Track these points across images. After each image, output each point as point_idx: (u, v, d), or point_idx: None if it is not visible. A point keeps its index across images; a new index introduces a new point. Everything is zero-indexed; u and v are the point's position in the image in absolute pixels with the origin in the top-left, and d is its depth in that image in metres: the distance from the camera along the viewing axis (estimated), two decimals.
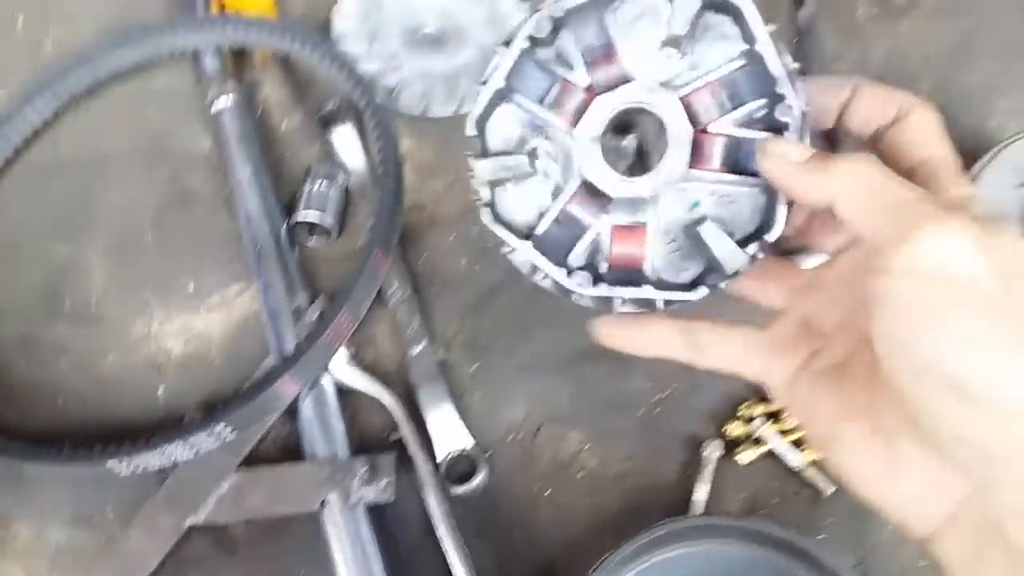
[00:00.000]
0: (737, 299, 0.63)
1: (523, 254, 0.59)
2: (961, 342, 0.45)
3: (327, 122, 0.98)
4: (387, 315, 0.90)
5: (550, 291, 0.60)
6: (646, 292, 0.58)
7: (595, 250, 0.60)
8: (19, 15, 1.06)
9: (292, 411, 0.85)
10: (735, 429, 0.85)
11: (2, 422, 0.87)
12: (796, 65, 0.56)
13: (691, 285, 0.58)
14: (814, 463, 0.84)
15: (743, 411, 0.86)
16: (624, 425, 0.87)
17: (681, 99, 0.57)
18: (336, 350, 0.84)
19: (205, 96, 0.97)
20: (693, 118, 0.57)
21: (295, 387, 0.82)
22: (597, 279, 0.59)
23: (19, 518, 0.85)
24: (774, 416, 0.86)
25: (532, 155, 0.60)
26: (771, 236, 0.56)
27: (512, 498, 0.85)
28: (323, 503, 0.80)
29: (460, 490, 0.83)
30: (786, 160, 0.53)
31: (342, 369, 0.86)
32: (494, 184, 0.60)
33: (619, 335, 0.63)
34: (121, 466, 0.78)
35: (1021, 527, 0.46)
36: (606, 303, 0.59)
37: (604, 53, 0.59)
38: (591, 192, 0.59)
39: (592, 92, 0.59)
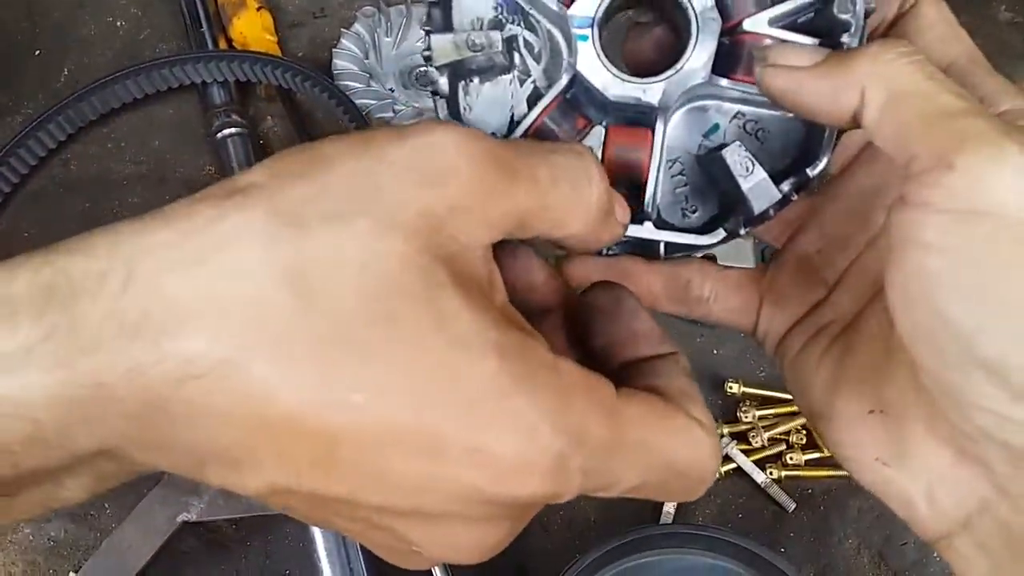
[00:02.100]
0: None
1: None
2: (1016, 314, 0.34)
3: None
4: None
5: None
6: (646, 231, 0.45)
7: None
8: (38, 43, 1.12)
9: None
10: None
11: None
12: None
13: (702, 228, 0.47)
14: (778, 481, 0.88)
15: None
16: None
17: None
18: None
19: (210, 124, 1.03)
20: (723, 9, 0.45)
21: None
22: None
23: None
24: (741, 436, 0.90)
25: (509, 45, 0.47)
26: (814, 169, 0.44)
27: None
28: None
29: None
30: (792, 68, 0.41)
31: None
32: (456, 73, 0.47)
33: (586, 279, 0.48)
34: None
35: None
36: None
37: None
38: (580, 99, 0.47)
39: None
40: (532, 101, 0.47)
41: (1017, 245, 0.33)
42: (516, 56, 0.47)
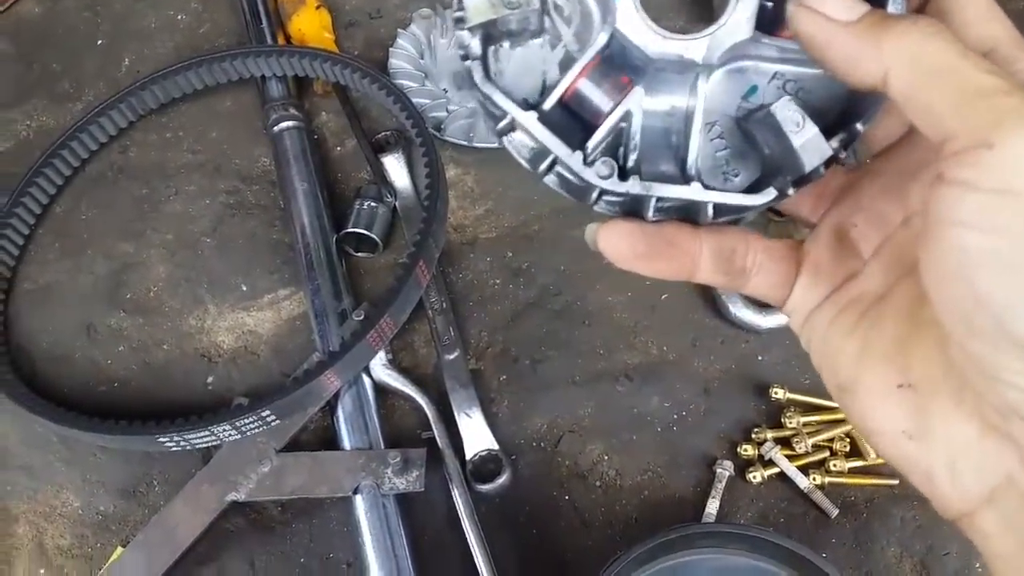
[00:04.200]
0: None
1: (525, 132, 0.44)
2: None
3: (380, 148, 1.05)
4: (425, 324, 0.96)
5: (558, 191, 0.47)
6: (695, 192, 0.44)
7: (620, 139, 0.46)
8: (100, 33, 1.15)
9: (332, 407, 0.90)
10: (747, 451, 0.90)
11: (62, 397, 0.93)
12: None
13: (746, 191, 0.46)
14: (821, 487, 0.89)
15: (756, 435, 0.91)
16: (642, 441, 0.92)
17: None
18: (377, 351, 0.89)
19: (268, 117, 1.04)
20: None
21: (337, 382, 0.87)
22: (623, 175, 0.44)
23: (70, 487, 0.90)
24: (785, 441, 0.91)
25: (541, 7, 0.45)
26: (865, 123, 0.43)
27: (533, 500, 0.89)
28: (357, 489, 0.84)
29: (485, 488, 0.88)
30: (826, 18, 0.40)
31: (381, 370, 0.92)
32: (488, 36, 0.45)
33: (628, 245, 0.46)
34: (172, 442, 0.84)
35: None
36: (631, 207, 0.46)
37: None
38: (617, 59, 0.45)
39: None
40: (564, 66, 0.46)
41: None
42: (546, 20, 0.46)
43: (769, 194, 0.44)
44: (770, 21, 0.44)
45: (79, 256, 1.01)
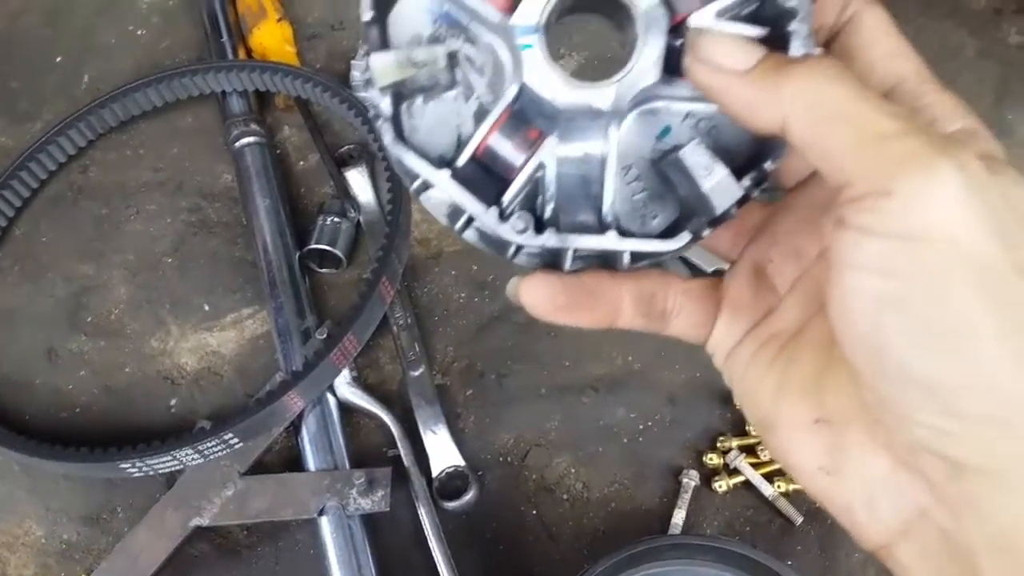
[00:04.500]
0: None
1: (439, 190, 0.43)
2: (950, 335, 0.34)
3: (343, 162, 1.04)
4: (389, 340, 0.95)
5: (478, 247, 0.47)
6: (610, 241, 0.44)
7: (537, 189, 0.45)
8: (59, 49, 1.14)
9: (296, 427, 0.90)
10: (713, 460, 0.90)
11: (23, 424, 0.93)
12: None
13: (664, 234, 0.46)
14: (786, 495, 0.89)
15: (721, 443, 0.91)
16: (608, 452, 0.92)
17: None
18: (341, 369, 0.89)
19: (229, 133, 1.04)
20: (669, 6, 0.44)
21: (301, 402, 0.87)
22: (541, 226, 0.44)
23: (33, 516, 0.90)
24: (750, 450, 0.91)
25: (451, 61, 0.44)
26: (773, 163, 0.43)
27: (500, 515, 0.89)
28: (322, 510, 0.84)
29: (451, 505, 0.87)
30: (722, 67, 0.40)
31: (345, 388, 0.91)
32: (399, 94, 0.44)
33: (547, 298, 0.45)
34: (134, 468, 0.83)
35: (997, 567, 0.36)
36: (551, 259, 0.46)
37: None
38: (528, 110, 0.44)
39: None
40: (479, 118, 0.45)
41: (952, 267, 0.34)
42: (459, 72, 0.45)
43: (684, 238, 0.44)
44: (679, 61, 0.44)
45: (39, 279, 1.00)
